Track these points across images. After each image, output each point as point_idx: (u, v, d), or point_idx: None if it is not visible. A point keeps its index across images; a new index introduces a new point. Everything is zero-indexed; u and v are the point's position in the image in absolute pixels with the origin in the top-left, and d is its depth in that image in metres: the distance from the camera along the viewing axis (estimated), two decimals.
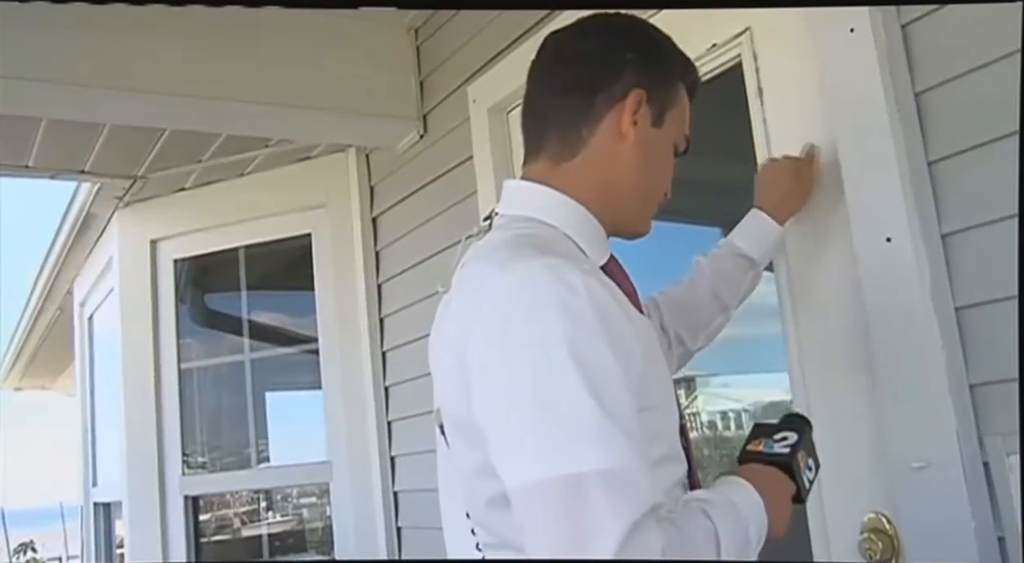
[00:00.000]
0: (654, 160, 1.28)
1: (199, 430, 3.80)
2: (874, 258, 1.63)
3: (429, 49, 3.00)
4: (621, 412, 1.01)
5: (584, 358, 1.01)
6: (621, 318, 1.08)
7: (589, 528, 0.95)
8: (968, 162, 1.55)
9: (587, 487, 0.96)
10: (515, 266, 1.09)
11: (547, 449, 0.99)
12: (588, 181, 1.24)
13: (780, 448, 1.29)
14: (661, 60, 1.30)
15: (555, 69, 1.29)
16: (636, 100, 1.24)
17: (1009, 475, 1.48)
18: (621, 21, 1.34)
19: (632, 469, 0.99)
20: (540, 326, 1.03)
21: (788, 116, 1.82)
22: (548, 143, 1.26)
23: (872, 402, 1.66)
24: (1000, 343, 1.51)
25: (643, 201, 1.30)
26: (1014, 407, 1.48)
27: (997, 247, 1.51)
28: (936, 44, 1.60)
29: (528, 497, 1.00)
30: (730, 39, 1.94)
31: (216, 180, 3.58)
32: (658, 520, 1.00)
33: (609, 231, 1.29)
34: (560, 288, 1.04)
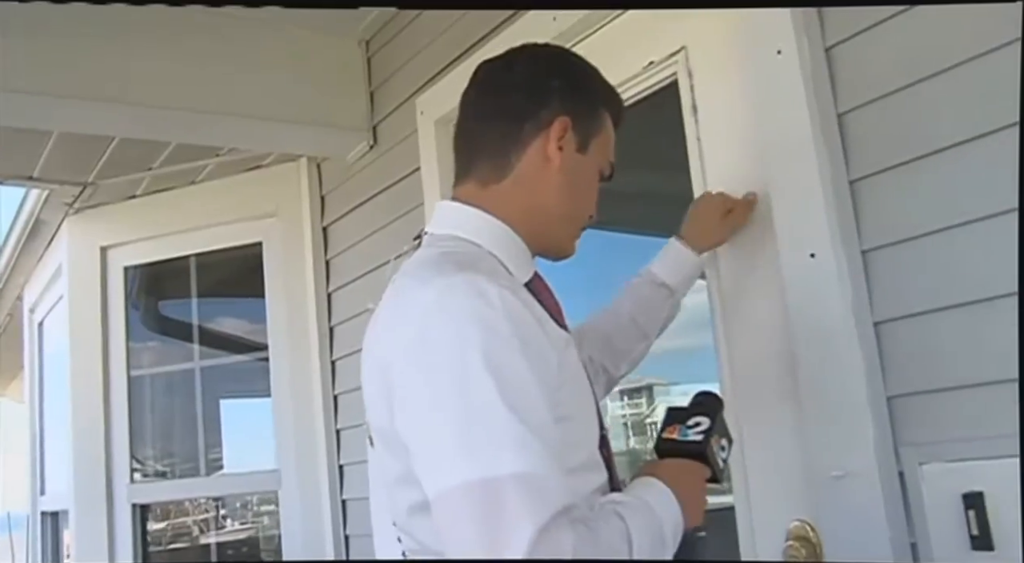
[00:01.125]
0: (579, 185, 1.33)
1: (149, 438, 3.78)
2: (798, 273, 1.68)
3: (380, 61, 3.03)
4: (535, 418, 1.07)
5: (499, 368, 1.06)
6: (537, 331, 1.14)
7: (503, 529, 1.01)
8: (887, 181, 1.60)
9: (502, 490, 1.01)
10: (436, 281, 1.14)
11: (464, 455, 1.05)
12: (515, 203, 1.29)
13: (694, 435, 1.34)
14: (586, 89, 1.36)
15: (485, 97, 1.35)
16: (561, 127, 1.29)
17: (921, 484, 1.53)
18: (549, 52, 1.41)
19: (545, 472, 1.04)
20: (457, 338, 1.08)
21: (721, 134, 1.87)
22: (477, 167, 1.32)
23: (797, 413, 1.71)
24: (916, 356, 1.57)
25: (568, 224, 1.36)
26: (927, 418, 1.54)
27: (914, 263, 1.57)
28: (858, 66, 1.65)
29: (446, 501, 1.05)
30: (667, 57, 1.99)
31: (167, 188, 3.58)
32: (571, 521, 1.04)
33: (535, 251, 1.34)
34: (477, 301, 1.10)
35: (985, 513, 1.44)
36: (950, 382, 1.51)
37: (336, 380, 3.23)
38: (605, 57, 2.08)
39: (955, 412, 1.51)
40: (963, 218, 1.49)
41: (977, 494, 1.45)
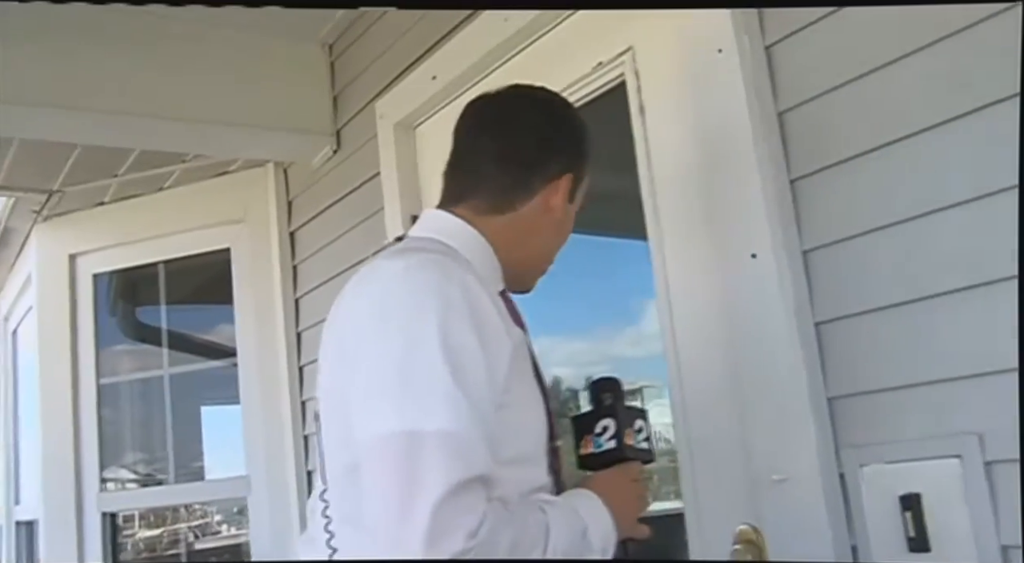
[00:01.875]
0: (565, 230, 1.43)
1: (119, 446, 3.76)
2: (740, 274, 1.67)
3: (342, 65, 3.01)
4: (473, 387, 1.12)
5: (449, 338, 1.12)
6: (494, 317, 1.19)
7: (417, 480, 1.05)
8: (827, 179, 1.59)
9: (425, 444, 1.07)
10: (407, 256, 1.23)
11: (397, 408, 1.10)
12: (503, 236, 1.35)
13: (607, 443, 1.34)
14: (585, 148, 1.43)
15: (488, 138, 1.39)
16: (568, 183, 1.38)
17: (861, 486, 1.52)
18: (551, 104, 1.47)
19: (470, 436, 1.09)
20: (416, 306, 1.15)
21: (667, 135, 1.86)
22: (474, 198, 1.36)
23: (743, 416, 1.69)
24: (856, 356, 1.55)
25: (544, 262, 1.44)
26: (867, 419, 1.53)
27: (854, 262, 1.55)
28: (797, 65, 1.64)
29: (372, 448, 1.11)
30: (614, 58, 1.98)
31: (135, 194, 3.55)
32: (491, 497, 1.10)
33: (506, 281, 1.39)
34: (441, 278, 1.17)
35: (922, 515, 1.43)
36: (888, 382, 1.50)
37: (304, 385, 3.20)
38: (556, 58, 2.09)
39: (893, 413, 1.49)
40: (901, 216, 1.48)
41: (914, 495, 1.44)
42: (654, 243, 1.86)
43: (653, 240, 1.86)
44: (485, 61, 2.29)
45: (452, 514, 1.04)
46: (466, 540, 1.04)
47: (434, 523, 1.03)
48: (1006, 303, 1.35)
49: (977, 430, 1.37)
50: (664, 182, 1.85)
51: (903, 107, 1.48)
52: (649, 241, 1.88)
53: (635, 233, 1.94)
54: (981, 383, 1.37)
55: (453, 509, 1.04)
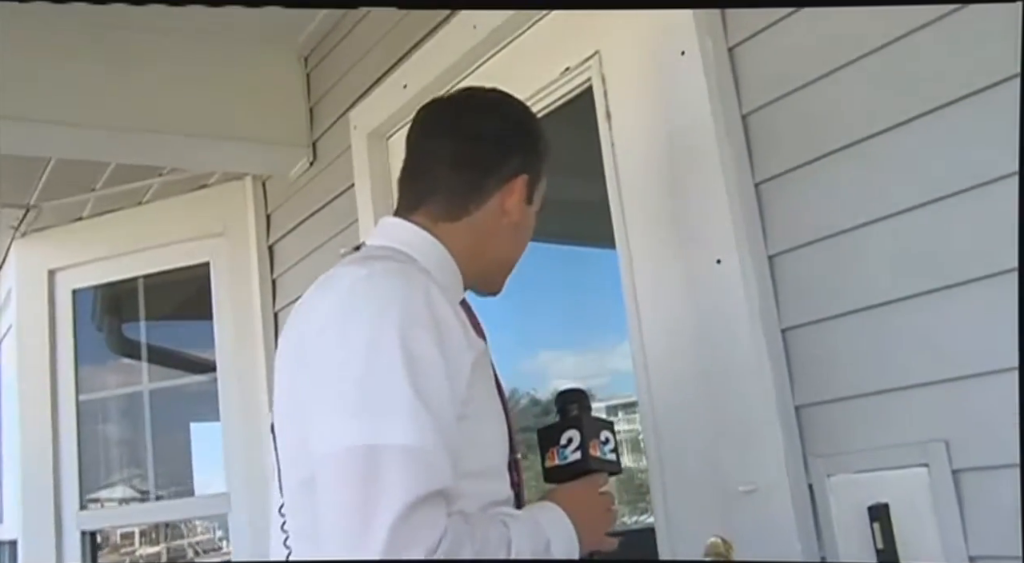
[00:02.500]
0: (524, 232, 1.40)
1: (100, 463, 3.72)
2: (705, 280, 1.63)
3: (318, 76, 2.99)
4: (434, 400, 1.09)
5: (410, 346, 1.10)
6: (456, 327, 1.16)
7: (376, 496, 1.03)
8: (792, 182, 1.56)
9: (384, 458, 1.04)
10: (369, 264, 1.20)
11: (356, 420, 1.08)
12: (462, 242, 1.33)
13: (572, 454, 1.31)
14: (540, 147, 1.41)
15: (442, 142, 1.37)
16: (523, 184, 1.35)
17: (829, 496, 1.48)
18: (504, 105, 1.44)
19: (431, 450, 1.07)
20: (377, 312, 1.13)
21: (633, 140, 1.82)
22: (430, 204, 1.34)
23: (712, 425, 1.65)
24: (823, 363, 1.52)
25: (507, 266, 1.41)
26: (835, 427, 1.49)
27: (819, 267, 1.52)
28: (760, 66, 1.61)
29: (330, 461, 1.08)
30: (581, 62, 1.95)
31: (114, 209, 3.52)
32: (453, 510, 1.08)
33: (468, 286, 1.37)
34: (404, 286, 1.15)
35: (890, 525, 1.39)
36: (855, 390, 1.46)
37: None
38: (524, 64, 2.07)
39: (861, 421, 1.45)
40: (865, 218, 1.45)
41: (882, 506, 1.40)
42: (622, 251, 1.83)
43: (621, 248, 1.83)
44: (454, 69, 2.26)
45: (411, 530, 1.02)
46: (425, 556, 1.01)
47: (393, 539, 1.01)
48: (971, 306, 1.32)
49: (944, 438, 1.33)
50: (631, 188, 1.81)
51: (866, 107, 1.45)
52: (617, 249, 1.84)
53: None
54: (947, 389, 1.34)
55: (412, 525, 1.02)
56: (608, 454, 1.34)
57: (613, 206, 1.85)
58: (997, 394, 1.28)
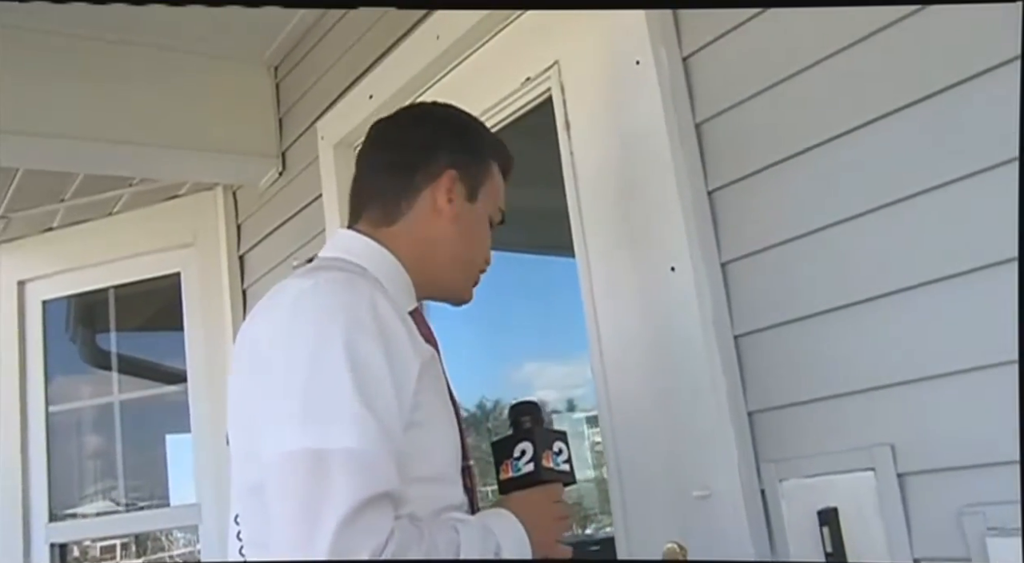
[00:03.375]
0: (469, 231, 1.39)
1: (70, 474, 3.70)
2: (660, 288, 1.65)
3: (287, 86, 3.00)
4: (380, 404, 1.11)
5: (356, 355, 1.11)
6: (402, 334, 1.17)
7: (322, 499, 1.04)
8: (744, 190, 1.58)
9: (329, 462, 1.06)
10: (316, 275, 1.22)
11: (303, 425, 1.09)
12: (405, 246, 1.34)
13: (525, 466, 1.32)
14: (472, 142, 1.42)
15: (379, 153, 1.42)
16: (450, 179, 1.36)
17: (781, 501, 1.49)
18: (437, 109, 1.49)
19: (376, 453, 1.08)
20: (323, 324, 1.14)
21: (591, 148, 1.84)
22: (368, 212, 1.37)
23: (667, 432, 1.66)
24: (775, 370, 1.53)
25: (460, 269, 1.40)
26: (786, 432, 1.50)
27: (771, 274, 1.53)
28: (714, 75, 1.63)
29: (276, 467, 1.10)
30: (541, 72, 1.96)
31: (84, 220, 3.52)
32: (410, 520, 1.10)
33: (429, 296, 1.41)
34: (350, 294, 1.17)
35: (839, 529, 1.40)
36: (806, 395, 1.47)
37: None
38: (486, 75, 2.08)
39: (811, 426, 1.47)
40: (815, 225, 1.47)
41: (831, 510, 1.41)
42: (581, 259, 1.84)
43: (580, 256, 1.84)
44: (418, 79, 2.27)
45: (357, 532, 1.02)
46: (371, 558, 1.02)
47: (338, 542, 1.01)
48: (917, 311, 1.33)
49: (890, 442, 1.35)
50: (589, 196, 1.83)
51: (816, 115, 1.47)
52: (576, 257, 1.85)
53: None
54: (893, 394, 1.35)
55: (358, 528, 1.03)
56: (561, 465, 1.34)
57: (572, 215, 1.86)
58: (941, 398, 1.30)
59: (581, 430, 3.95)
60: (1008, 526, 1.19)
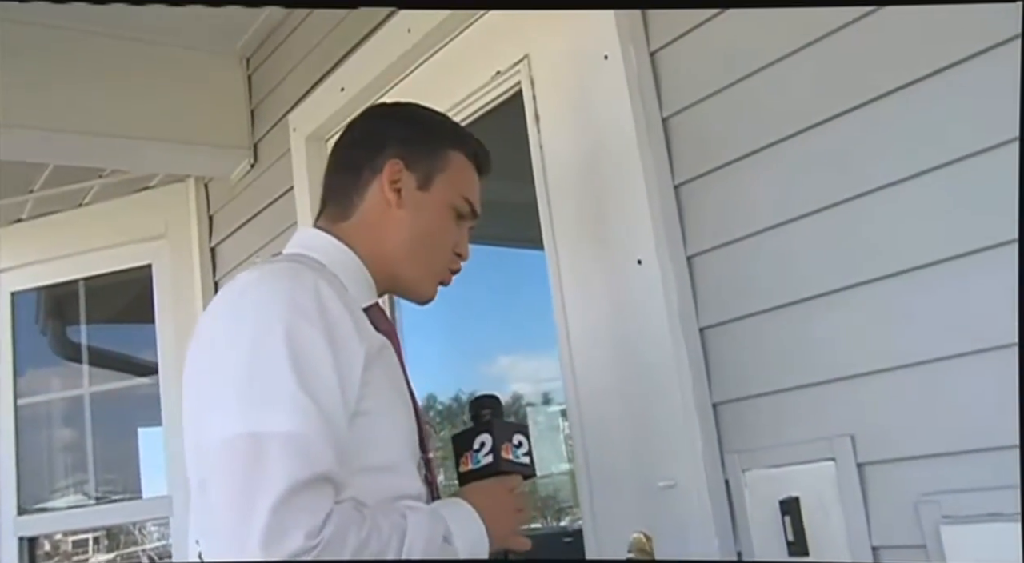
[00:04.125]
0: (425, 222, 1.37)
1: (43, 468, 3.68)
2: (626, 280, 1.66)
3: (259, 78, 2.99)
4: (321, 391, 1.12)
5: (296, 340, 1.13)
6: (346, 322, 1.18)
7: (258, 481, 1.05)
8: (710, 184, 1.59)
9: (267, 445, 1.07)
10: (263, 267, 1.24)
11: (242, 411, 1.10)
12: (360, 237, 1.35)
13: (484, 458, 1.33)
14: (421, 131, 1.41)
15: (334, 153, 1.46)
16: (393, 169, 1.35)
17: (744, 491, 1.51)
18: (390, 106, 1.52)
19: (314, 437, 1.09)
20: (264, 312, 1.15)
21: (560, 142, 1.85)
22: (328, 208, 1.40)
23: (633, 422, 1.68)
24: (740, 361, 1.55)
25: (419, 261, 1.38)
26: (750, 423, 1.52)
27: (736, 267, 1.55)
28: (681, 70, 1.64)
29: (216, 451, 1.10)
30: (511, 66, 1.97)
31: (54, 211, 3.50)
32: (354, 504, 1.11)
33: (390, 288, 1.40)
34: (292, 283, 1.18)
35: (801, 519, 1.42)
36: (769, 387, 1.49)
37: None
38: (457, 68, 2.09)
39: (774, 417, 1.49)
40: (778, 218, 1.49)
41: (793, 500, 1.43)
42: (550, 252, 1.85)
43: (549, 249, 1.85)
44: (389, 72, 2.28)
45: (292, 512, 1.03)
46: (306, 539, 1.02)
47: (272, 522, 1.02)
48: (877, 303, 1.36)
49: (850, 432, 1.37)
50: (558, 190, 1.84)
51: (782, 109, 1.49)
52: (546, 250, 1.86)
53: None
54: (853, 384, 1.38)
55: (293, 508, 1.03)
56: (521, 457, 1.35)
57: (541, 207, 1.87)
58: (901, 389, 1.32)
59: (556, 423, 3.96)
60: (961, 514, 1.21)
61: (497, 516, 1.28)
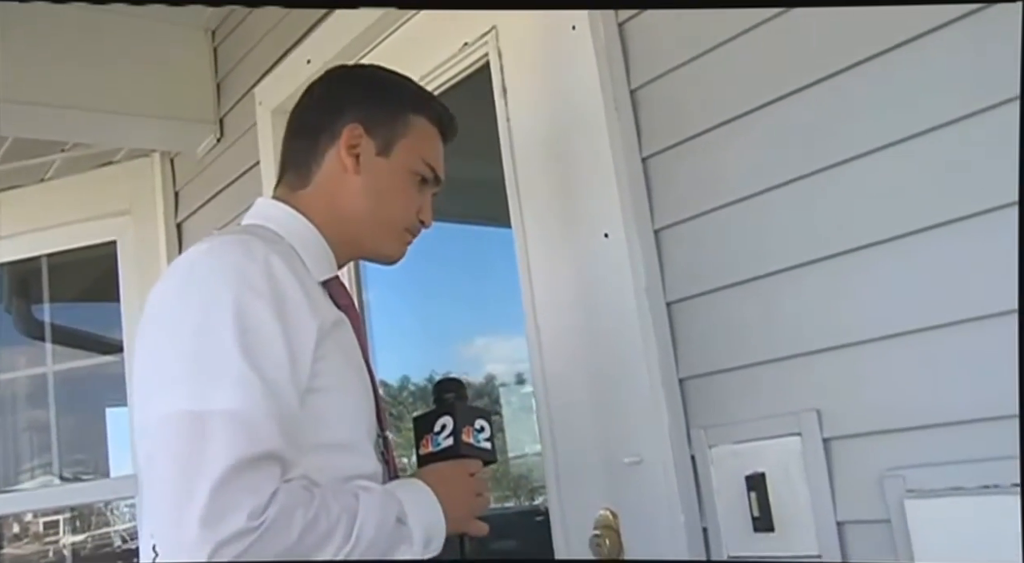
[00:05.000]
0: (384, 187, 1.34)
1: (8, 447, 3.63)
2: (593, 254, 1.64)
3: (225, 50, 2.93)
4: (268, 367, 1.08)
5: (244, 315, 1.09)
6: (298, 297, 1.14)
7: (199, 460, 1.02)
8: (678, 157, 1.57)
9: (210, 423, 1.04)
10: (212, 238, 1.19)
11: (186, 387, 1.07)
12: (318, 209, 1.32)
13: (444, 441, 1.30)
14: (382, 95, 1.37)
15: (292, 117, 1.41)
16: (351, 133, 1.32)
17: (711, 468, 1.50)
18: (350, 70, 1.47)
19: (258, 414, 1.06)
20: (214, 285, 1.12)
21: (527, 115, 1.82)
22: (286, 177, 1.36)
23: (599, 398, 1.66)
24: (706, 337, 1.53)
25: (380, 228, 1.35)
26: (716, 399, 1.51)
27: (703, 241, 1.54)
28: (649, 41, 1.62)
29: (159, 427, 1.07)
30: (479, 38, 1.94)
31: (15, 186, 3.43)
32: (304, 485, 1.08)
33: (353, 254, 1.38)
34: (242, 257, 1.14)
35: (767, 494, 1.42)
36: (736, 362, 1.48)
37: None
38: (424, 40, 2.05)
39: (741, 392, 1.48)
40: (745, 191, 1.47)
41: (759, 475, 1.42)
42: (516, 227, 1.83)
43: (516, 224, 1.83)
44: (356, 43, 2.24)
45: (233, 493, 1.00)
46: (248, 519, 0.99)
47: (213, 502, 0.99)
48: (844, 277, 1.34)
49: (816, 406, 1.36)
50: (525, 164, 1.81)
51: (751, 81, 1.46)
52: (512, 225, 1.84)
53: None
54: (819, 359, 1.37)
55: (234, 488, 1.00)
56: (482, 442, 1.33)
57: (508, 181, 1.85)
58: (867, 364, 1.31)
59: (529, 404, 3.95)
60: (925, 488, 1.21)
61: (455, 499, 1.24)
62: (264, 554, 1.00)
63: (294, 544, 1.02)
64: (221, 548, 0.98)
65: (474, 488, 1.30)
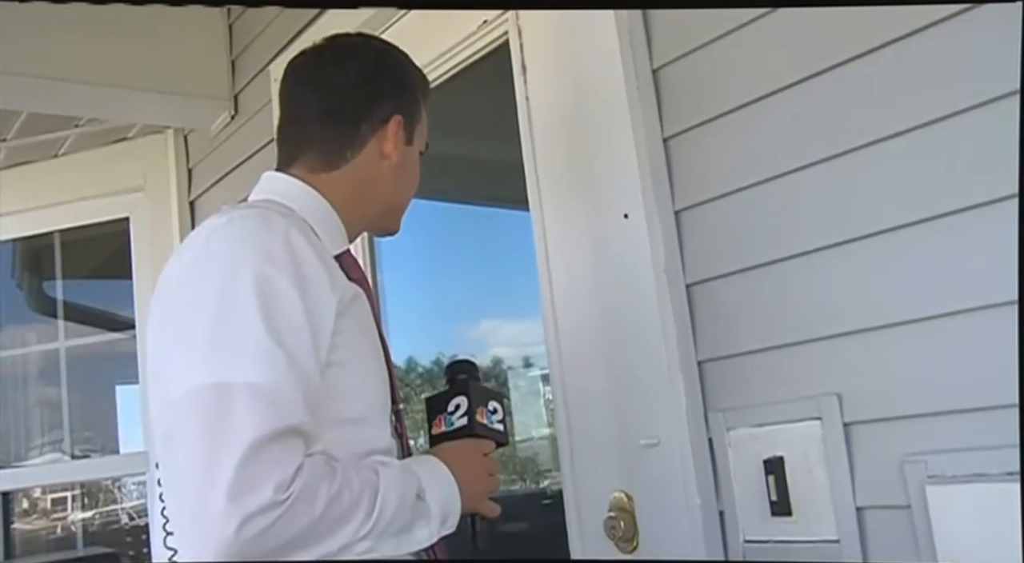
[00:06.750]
0: (408, 172, 1.38)
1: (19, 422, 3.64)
2: (613, 235, 1.63)
3: (240, 28, 2.92)
4: (291, 340, 1.07)
5: (265, 288, 1.08)
6: (318, 270, 1.14)
7: (224, 433, 1.01)
8: (699, 137, 1.56)
9: (234, 396, 1.03)
10: (229, 211, 1.18)
11: (207, 360, 1.06)
12: (343, 189, 1.31)
13: (458, 420, 1.30)
14: (411, 85, 1.39)
15: (317, 98, 1.34)
16: (397, 126, 1.33)
17: (728, 451, 1.49)
18: (377, 49, 1.42)
19: (283, 387, 1.05)
20: (233, 256, 1.11)
21: (547, 94, 1.80)
22: (305, 158, 1.32)
23: (617, 380, 1.65)
24: (726, 319, 1.52)
25: (395, 208, 1.40)
26: (735, 382, 1.50)
27: (724, 222, 1.52)
28: (673, 19, 1.60)
29: (181, 402, 1.06)
30: (498, 15, 1.92)
31: (28, 161, 3.42)
32: (326, 459, 1.07)
33: (361, 229, 1.40)
34: (262, 230, 1.13)
35: (785, 478, 1.41)
36: (756, 344, 1.47)
37: None
38: (443, 17, 2.03)
39: (760, 375, 1.47)
40: (766, 173, 1.46)
41: (778, 459, 1.42)
42: (534, 208, 1.81)
43: (534, 204, 1.81)
44: (374, 21, 2.21)
45: (260, 466, 0.99)
46: (275, 493, 0.99)
47: (239, 476, 0.98)
48: (867, 260, 1.33)
49: (837, 391, 1.35)
50: (544, 142, 1.80)
51: (775, 61, 1.45)
52: (530, 206, 1.82)
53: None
54: (841, 343, 1.35)
55: (260, 461, 0.99)
56: (495, 424, 1.33)
57: (526, 160, 1.83)
58: (890, 348, 1.30)
59: (536, 388, 3.95)
60: (947, 474, 1.19)
61: (470, 477, 1.24)
62: (290, 528, 1.00)
63: (318, 518, 1.02)
64: (248, 521, 0.97)
65: (488, 467, 1.30)
